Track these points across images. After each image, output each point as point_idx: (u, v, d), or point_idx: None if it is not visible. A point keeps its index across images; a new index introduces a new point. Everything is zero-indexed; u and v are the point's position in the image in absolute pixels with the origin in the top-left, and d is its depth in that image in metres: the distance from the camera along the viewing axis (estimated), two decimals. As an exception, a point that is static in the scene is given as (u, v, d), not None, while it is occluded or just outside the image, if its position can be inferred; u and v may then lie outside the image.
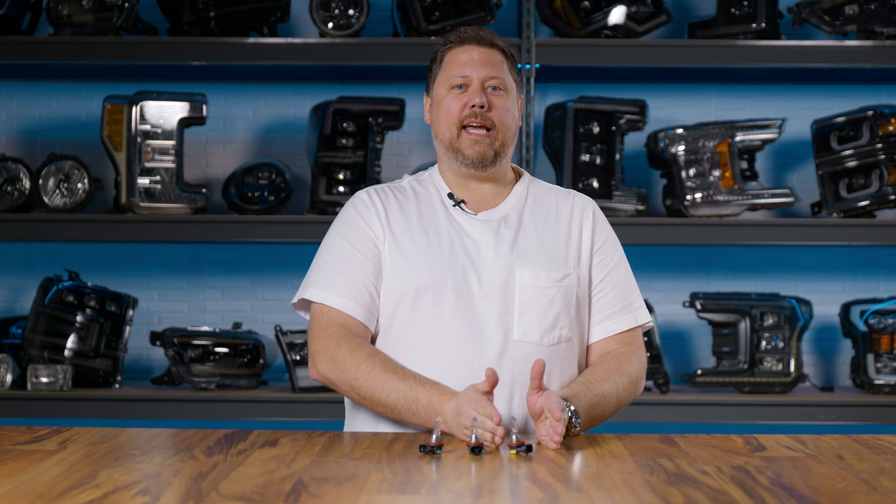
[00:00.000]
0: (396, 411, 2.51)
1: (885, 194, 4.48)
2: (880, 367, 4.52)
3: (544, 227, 2.68)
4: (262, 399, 4.44)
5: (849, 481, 2.01)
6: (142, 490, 1.91)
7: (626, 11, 4.57)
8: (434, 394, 2.46)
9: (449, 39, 2.70)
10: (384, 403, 2.51)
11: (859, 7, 4.55)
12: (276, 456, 2.21)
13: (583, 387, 2.54)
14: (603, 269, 2.70)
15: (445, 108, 2.65)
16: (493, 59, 2.66)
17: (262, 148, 4.91)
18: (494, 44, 2.68)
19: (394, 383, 2.50)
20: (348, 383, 2.54)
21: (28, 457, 2.18)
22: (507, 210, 2.69)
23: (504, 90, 2.66)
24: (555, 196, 2.75)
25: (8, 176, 4.53)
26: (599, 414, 2.55)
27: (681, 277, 4.86)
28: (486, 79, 2.64)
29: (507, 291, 2.59)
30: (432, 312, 2.58)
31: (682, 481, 2.00)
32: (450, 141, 2.65)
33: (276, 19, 4.59)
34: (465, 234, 2.64)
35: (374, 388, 2.51)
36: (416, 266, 2.60)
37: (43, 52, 4.52)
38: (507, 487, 1.97)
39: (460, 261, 2.60)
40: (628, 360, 2.65)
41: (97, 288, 4.55)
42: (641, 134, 4.72)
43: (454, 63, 2.66)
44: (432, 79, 2.72)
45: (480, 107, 2.62)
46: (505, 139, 2.66)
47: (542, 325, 2.60)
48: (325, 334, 2.58)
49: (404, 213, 2.67)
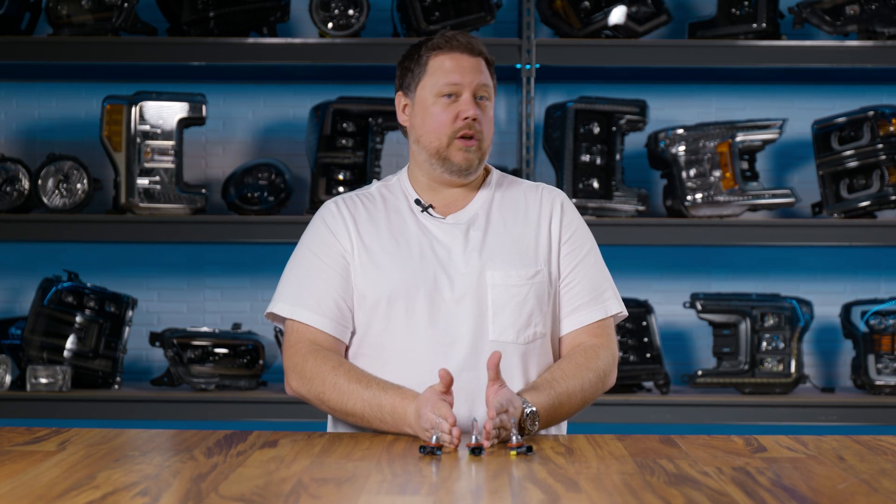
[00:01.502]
0: (364, 419, 2.51)
1: (886, 195, 4.47)
2: (881, 367, 4.51)
3: (514, 224, 2.68)
4: (262, 400, 4.44)
5: (850, 482, 2.01)
6: (141, 491, 1.91)
7: (627, 11, 4.57)
8: (397, 398, 2.46)
9: (436, 43, 2.66)
10: (352, 413, 2.52)
11: (860, 7, 4.55)
12: (276, 457, 2.21)
13: (547, 385, 2.54)
14: (571, 260, 2.69)
15: (434, 118, 2.64)
16: (480, 68, 2.66)
17: (261, 148, 4.91)
18: (481, 52, 2.67)
19: (358, 392, 2.50)
20: (317, 396, 2.56)
21: (27, 458, 2.18)
22: (475, 211, 2.69)
23: (489, 99, 2.66)
24: (523, 191, 2.74)
25: (7, 176, 4.53)
26: (562, 412, 2.55)
27: (681, 278, 4.86)
28: (476, 89, 2.64)
29: (479, 293, 2.60)
30: (406, 319, 2.59)
31: (683, 482, 2.00)
32: (437, 149, 2.64)
33: (275, 19, 4.58)
34: (435, 238, 2.65)
35: (340, 399, 2.52)
36: (388, 274, 2.61)
37: (42, 52, 4.52)
38: (507, 488, 1.97)
39: (431, 266, 2.61)
40: (597, 355, 2.63)
41: (96, 288, 4.55)
42: (642, 134, 4.71)
43: (442, 70, 2.64)
44: (413, 80, 2.68)
45: (474, 119, 2.62)
46: (486, 149, 2.67)
47: (516, 323, 2.60)
48: (293, 350, 2.61)
49: (373, 221, 2.67)
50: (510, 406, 2.37)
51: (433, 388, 2.38)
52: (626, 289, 3.78)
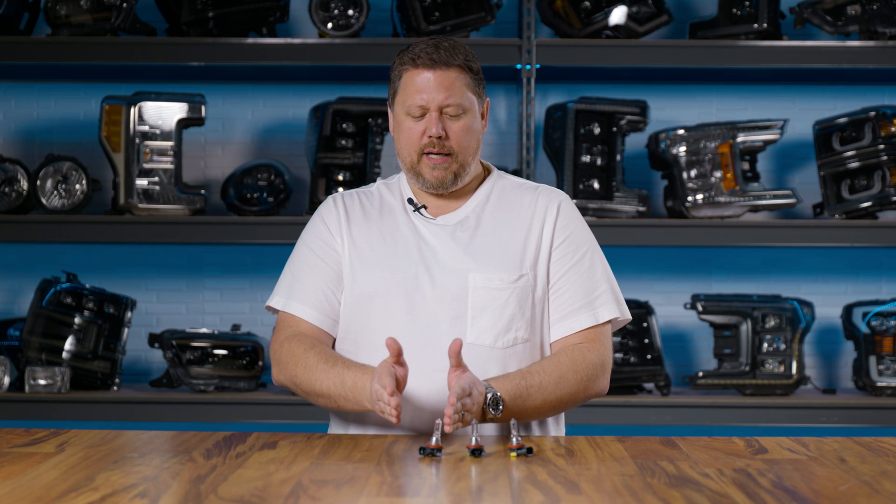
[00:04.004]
0: (332, 399, 2.53)
1: (888, 195, 4.47)
2: (882, 369, 4.51)
3: (504, 227, 2.67)
4: (261, 401, 4.44)
5: (851, 484, 2.01)
6: (140, 493, 1.91)
7: (628, 12, 4.56)
8: (358, 374, 2.48)
9: (407, 58, 2.63)
10: (320, 393, 2.54)
11: (861, 7, 4.54)
12: (275, 458, 2.20)
13: (519, 375, 2.52)
14: (563, 265, 2.66)
15: (405, 133, 2.64)
16: (448, 82, 2.60)
17: (260, 149, 4.90)
18: (449, 63, 2.61)
19: (325, 370, 2.53)
20: (292, 381, 2.59)
21: (26, 459, 2.18)
22: (467, 213, 2.69)
23: (463, 111, 2.62)
24: (521, 193, 2.73)
25: (6, 177, 4.52)
26: (532, 405, 2.51)
27: (682, 279, 4.85)
28: (442, 105, 2.60)
29: (460, 295, 2.59)
30: (385, 317, 2.60)
31: (684, 484, 2.00)
32: (410, 164, 2.65)
33: (275, 19, 4.58)
34: (422, 238, 2.65)
35: (309, 380, 2.55)
36: (370, 271, 2.62)
37: (41, 52, 4.51)
38: (507, 490, 1.96)
39: (413, 265, 2.61)
40: (583, 356, 2.59)
41: (95, 290, 4.54)
42: (642, 135, 4.71)
43: (410, 87, 2.62)
44: (392, 93, 2.68)
45: (438, 137, 2.60)
46: (465, 161, 2.64)
47: (495, 327, 2.59)
48: (274, 339, 2.66)
49: (367, 218, 2.70)
50: (473, 389, 2.37)
51: (385, 360, 2.39)
52: (626, 290, 3.76)
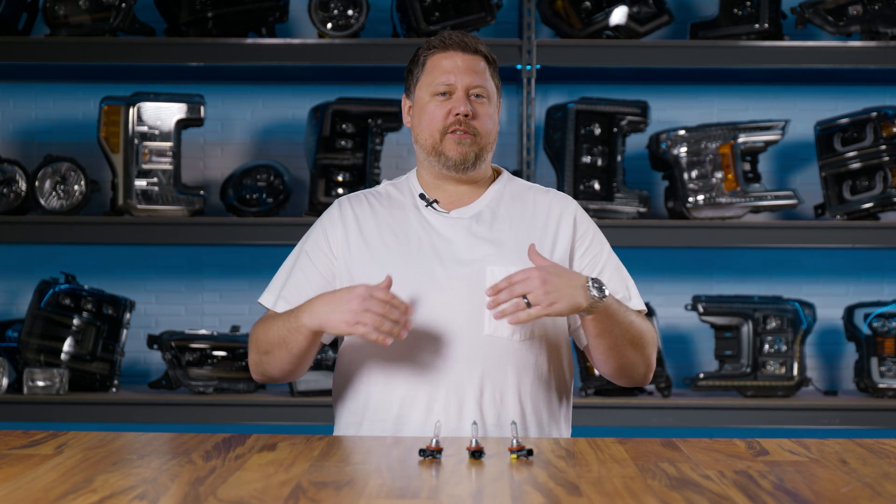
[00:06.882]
0: (286, 343, 2.57)
1: (889, 196, 4.46)
2: (884, 370, 4.50)
3: (520, 223, 2.69)
4: (261, 403, 4.43)
5: (852, 486, 2.01)
6: (139, 495, 1.90)
7: (628, 12, 4.56)
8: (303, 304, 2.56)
9: (432, 43, 2.71)
10: (276, 342, 2.59)
11: (863, 7, 4.54)
12: (275, 460, 2.20)
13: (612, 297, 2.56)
14: (593, 269, 2.70)
15: (429, 115, 2.68)
16: (476, 67, 2.68)
17: (260, 149, 4.90)
18: (478, 50, 2.70)
19: (278, 319, 2.60)
20: (257, 347, 2.65)
21: (24, 461, 2.17)
22: (481, 207, 2.71)
23: (486, 97, 2.69)
24: (533, 194, 2.76)
25: (4, 178, 4.52)
26: (622, 319, 2.56)
27: (683, 280, 4.85)
28: (470, 87, 2.67)
29: (477, 286, 2.59)
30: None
31: (685, 486, 1.99)
32: (432, 146, 2.68)
33: (274, 20, 4.57)
34: (436, 232, 2.67)
35: (266, 336, 2.61)
36: (385, 268, 2.62)
37: (39, 52, 4.50)
38: (507, 492, 1.96)
39: (427, 258, 2.63)
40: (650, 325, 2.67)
41: (94, 291, 4.53)
42: (643, 135, 4.70)
43: (438, 69, 2.68)
44: (413, 81, 2.74)
45: (465, 115, 2.64)
46: (486, 144, 2.69)
47: None
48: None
49: (377, 218, 2.72)
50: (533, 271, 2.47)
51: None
52: (627, 291, 3.77)
